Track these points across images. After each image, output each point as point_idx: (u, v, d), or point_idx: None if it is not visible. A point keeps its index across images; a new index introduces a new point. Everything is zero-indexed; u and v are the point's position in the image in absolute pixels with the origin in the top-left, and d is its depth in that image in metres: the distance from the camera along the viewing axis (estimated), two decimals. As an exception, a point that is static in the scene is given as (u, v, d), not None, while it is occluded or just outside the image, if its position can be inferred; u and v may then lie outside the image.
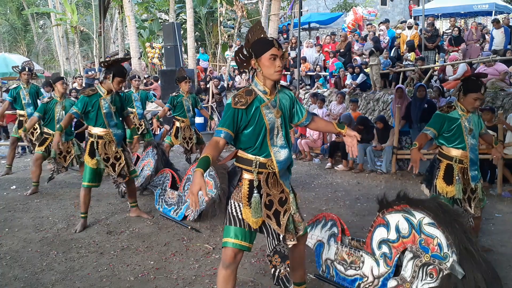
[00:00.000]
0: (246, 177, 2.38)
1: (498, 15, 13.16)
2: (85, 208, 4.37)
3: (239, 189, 2.40)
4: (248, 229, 2.36)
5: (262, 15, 12.30)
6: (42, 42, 28.31)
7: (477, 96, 3.34)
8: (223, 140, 2.28)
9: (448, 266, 2.50)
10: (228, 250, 2.35)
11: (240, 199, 2.37)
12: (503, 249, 3.76)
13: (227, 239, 2.37)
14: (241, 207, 2.36)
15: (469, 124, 3.40)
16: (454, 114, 3.43)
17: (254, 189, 2.37)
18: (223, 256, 2.37)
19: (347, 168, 7.30)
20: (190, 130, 6.28)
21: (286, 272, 2.49)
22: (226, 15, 19.91)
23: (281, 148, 2.39)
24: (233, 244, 2.35)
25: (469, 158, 3.39)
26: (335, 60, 11.76)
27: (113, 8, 19.92)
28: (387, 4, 24.12)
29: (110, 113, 4.25)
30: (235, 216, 2.37)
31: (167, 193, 5.01)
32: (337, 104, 9.02)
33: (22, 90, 6.62)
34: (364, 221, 4.50)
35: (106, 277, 3.32)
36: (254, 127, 2.33)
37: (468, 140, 3.38)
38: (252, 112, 2.32)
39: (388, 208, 2.87)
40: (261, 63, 2.30)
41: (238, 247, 2.35)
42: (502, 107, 7.74)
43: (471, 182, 3.41)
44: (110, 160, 4.34)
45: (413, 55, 10.34)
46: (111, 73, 4.14)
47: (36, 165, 5.72)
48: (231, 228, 2.37)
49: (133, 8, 14.31)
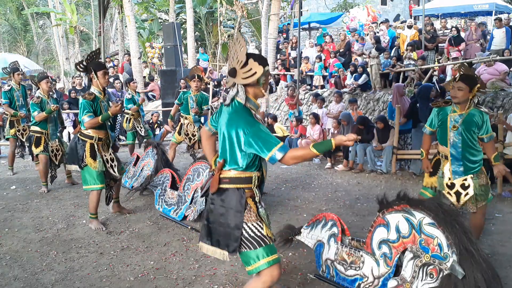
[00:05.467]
0: (249, 196, 2.34)
1: (498, 15, 13.15)
2: (94, 210, 4.38)
3: (249, 211, 2.32)
4: (272, 243, 2.36)
5: (262, 15, 12.30)
6: (42, 42, 28.33)
7: (454, 84, 3.46)
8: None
9: (448, 266, 2.50)
10: (276, 267, 2.31)
11: (256, 219, 2.33)
12: (503, 249, 3.76)
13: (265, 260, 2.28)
14: (262, 225, 2.33)
15: (457, 121, 3.47)
16: (446, 109, 3.57)
17: (258, 204, 2.38)
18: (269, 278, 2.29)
19: (347, 168, 7.30)
20: (193, 127, 6.35)
21: None
22: (226, 15, 19.92)
23: None
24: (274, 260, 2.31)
25: (450, 153, 3.51)
26: (335, 61, 11.77)
27: (113, 8, 19.91)
28: (387, 4, 24.13)
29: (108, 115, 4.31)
30: (258, 236, 2.30)
31: (167, 193, 5.01)
32: (335, 104, 9.03)
33: (15, 92, 6.59)
34: (364, 221, 4.50)
35: (106, 277, 3.32)
36: None
37: (450, 136, 3.49)
38: None
39: (388, 208, 2.87)
40: None
41: (278, 261, 2.33)
42: (502, 107, 7.74)
43: (453, 176, 3.51)
44: (109, 162, 4.42)
45: (414, 55, 10.34)
46: (92, 71, 4.17)
47: (43, 164, 5.81)
48: (260, 249, 2.29)
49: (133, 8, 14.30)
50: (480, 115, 3.45)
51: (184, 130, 6.36)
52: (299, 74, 10.85)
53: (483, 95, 8.11)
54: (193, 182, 4.70)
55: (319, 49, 12.53)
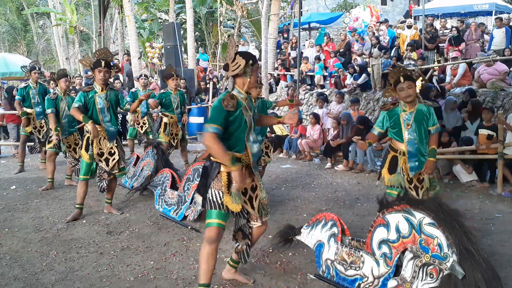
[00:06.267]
0: (224, 170, 2.75)
1: (498, 15, 13.14)
2: (80, 199, 4.68)
3: (218, 180, 2.76)
4: (225, 211, 2.77)
5: (262, 15, 12.28)
6: (42, 42, 28.32)
7: (402, 86, 3.57)
8: (217, 134, 2.65)
9: (448, 266, 2.50)
10: (214, 229, 2.77)
11: (221, 188, 2.75)
12: (503, 249, 3.76)
13: (211, 220, 2.78)
14: (222, 195, 2.75)
15: (409, 119, 3.64)
16: (396, 110, 3.72)
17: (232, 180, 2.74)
18: (209, 234, 2.77)
19: (347, 168, 7.30)
20: (177, 126, 6.48)
21: (243, 248, 3.00)
22: (226, 15, 19.90)
23: (254, 143, 2.84)
24: (217, 224, 2.77)
25: (407, 150, 3.66)
26: (336, 61, 11.76)
27: (113, 8, 19.90)
28: (387, 4, 24.10)
29: (103, 109, 4.49)
30: (215, 201, 2.76)
31: (167, 193, 5.01)
32: (336, 104, 9.03)
33: (32, 90, 6.70)
34: (364, 221, 4.50)
35: (106, 277, 3.32)
36: (238, 126, 2.76)
37: (405, 134, 3.66)
38: (237, 113, 2.75)
39: (388, 208, 2.87)
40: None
41: (221, 226, 2.79)
42: (502, 107, 7.74)
43: (410, 172, 3.67)
44: (104, 155, 4.57)
45: (414, 55, 10.33)
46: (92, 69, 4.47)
47: (50, 161, 5.92)
48: (214, 211, 2.77)
49: (133, 8, 14.28)
50: (426, 109, 3.67)
51: (169, 130, 6.44)
52: (299, 74, 10.85)
53: (483, 95, 8.12)
54: (193, 182, 4.70)
55: (318, 49, 12.53)
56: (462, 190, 5.84)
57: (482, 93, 8.26)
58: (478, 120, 6.50)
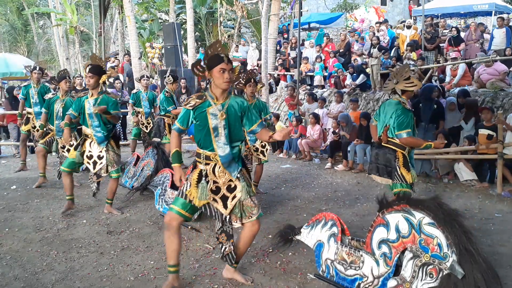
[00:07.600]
0: (198, 166, 2.98)
1: (498, 15, 13.15)
2: (69, 191, 4.80)
3: (191, 173, 2.98)
4: (189, 202, 2.95)
5: (262, 15, 12.26)
6: (42, 42, 28.29)
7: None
8: (177, 132, 2.98)
9: (448, 266, 2.50)
10: (171, 214, 2.96)
11: (188, 180, 2.97)
12: (503, 249, 3.76)
13: (173, 206, 2.98)
14: (189, 187, 2.94)
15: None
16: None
17: (203, 177, 2.94)
18: (166, 219, 2.98)
19: (347, 168, 7.31)
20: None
21: (230, 250, 3.04)
22: (226, 15, 19.89)
23: (224, 145, 2.90)
24: (176, 211, 2.95)
25: None
26: (335, 61, 11.76)
27: (113, 8, 19.90)
28: (387, 4, 24.09)
29: (91, 115, 4.57)
30: (183, 191, 2.98)
31: (167, 193, 5.01)
32: (336, 104, 9.03)
33: (31, 89, 6.74)
34: (364, 221, 4.50)
35: (106, 277, 3.32)
36: (200, 126, 2.91)
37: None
38: (199, 113, 2.89)
39: (388, 208, 2.87)
40: (213, 75, 2.87)
41: (179, 214, 2.96)
42: (502, 107, 7.74)
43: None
44: (92, 157, 4.69)
45: (414, 55, 10.33)
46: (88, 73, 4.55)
47: (39, 157, 6.13)
48: (179, 199, 2.98)
49: (133, 8, 14.27)
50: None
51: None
52: (299, 74, 10.86)
53: (483, 95, 8.12)
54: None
55: (318, 49, 12.54)
56: (461, 190, 5.85)
57: (482, 93, 8.27)
58: (472, 119, 6.52)
